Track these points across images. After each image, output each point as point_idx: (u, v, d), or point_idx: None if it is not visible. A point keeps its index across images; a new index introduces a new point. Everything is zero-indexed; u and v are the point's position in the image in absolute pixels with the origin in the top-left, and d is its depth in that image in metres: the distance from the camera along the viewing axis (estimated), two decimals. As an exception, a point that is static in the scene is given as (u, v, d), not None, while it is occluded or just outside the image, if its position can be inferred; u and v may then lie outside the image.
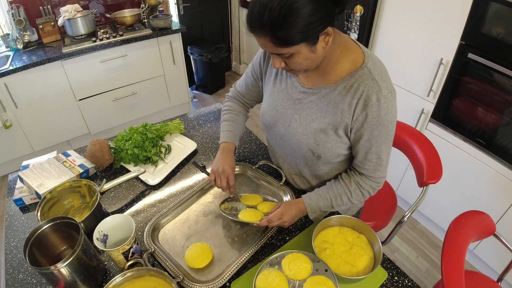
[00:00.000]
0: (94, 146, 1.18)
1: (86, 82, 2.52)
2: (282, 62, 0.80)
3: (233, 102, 1.18)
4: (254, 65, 1.07)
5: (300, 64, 0.79)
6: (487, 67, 1.46)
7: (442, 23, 1.58)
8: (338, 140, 0.90)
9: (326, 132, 0.89)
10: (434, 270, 1.89)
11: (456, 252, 0.92)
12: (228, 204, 1.04)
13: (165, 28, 2.69)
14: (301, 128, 0.93)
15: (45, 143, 2.60)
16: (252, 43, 3.68)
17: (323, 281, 0.76)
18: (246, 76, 1.12)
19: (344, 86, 0.84)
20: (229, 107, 1.16)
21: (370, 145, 0.87)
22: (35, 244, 0.81)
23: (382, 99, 0.80)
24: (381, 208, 1.43)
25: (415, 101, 1.84)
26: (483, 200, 1.68)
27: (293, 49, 0.73)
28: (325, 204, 0.96)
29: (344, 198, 0.95)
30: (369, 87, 0.80)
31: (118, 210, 1.07)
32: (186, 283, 0.82)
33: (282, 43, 0.72)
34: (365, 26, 1.94)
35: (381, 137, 0.85)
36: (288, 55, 0.76)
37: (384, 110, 0.81)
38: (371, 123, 0.83)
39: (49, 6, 2.53)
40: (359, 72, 0.82)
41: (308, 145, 0.93)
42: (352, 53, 0.84)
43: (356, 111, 0.83)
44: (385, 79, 0.83)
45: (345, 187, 0.95)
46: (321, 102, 0.89)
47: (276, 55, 0.78)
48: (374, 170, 0.92)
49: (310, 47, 0.74)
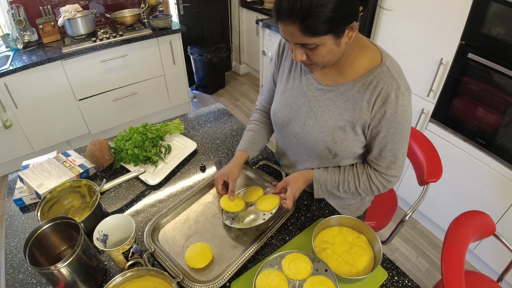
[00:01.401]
0: (94, 146, 1.18)
1: (86, 82, 2.52)
2: (304, 55, 0.79)
3: (259, 113, 1.20)
4: (273, 68, 1.07)
5: (323, 57, 0.78)
6: (487, 67, 1.46)
7: (442, 23, 1.58)
8: (355, 138, 0.91)
9: (344, 129, 0.90)
10: (434, 270, 1.89)
11: (456, 252, 0.92)
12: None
13: (165, 28, 2.70)
14: (318, 125, 0.93)
15: (45, 143, 2.60)
16: (252, 43, 3.68)
17: (323, 281, 0.76)
18: (267, 84, 1.13)
19: (363, 83, 0.85)
20: (254, 118, 1.18)
21: (386, 142, 0.88)
22: (35, 244, 0.80)
23: (400, 96, 0.81)
24: (381, 208, 1.43)
25: (415, 101, 1.84)
26: (483, 200, 1.68)
27: (319, 40, 0.73)
28: (332, 184, 0.98)
29: (351, 186, 0.97)
30: (388, 84, 0.81)
31: (118, 210, 1.07)
32: (186, 283, 0.82)
33: (310, 32, 0.71)
34: (365, 26, 1.94)
35: (397, 135, 0.86)
36: (313, 46, 0.75)
37: (402, 107, 0.82)
38: (388, 120, 0.84)
39: (49, 6, 2.53)
40: (378, 70, 0.83)
41: (325, 143, 0.93)
42: (369, 51, 0.86)
43: (375, 107, 0.84)
44: (402, 77, 0.84)
45: (356, 175, 0.96)
46: (339, 99, 0.89)
47: (300, 46, 0.77)
48: (388, 168, 0.93)
49: (336, 40, 0.74)
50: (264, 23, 2.82)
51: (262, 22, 2.85)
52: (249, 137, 1.12)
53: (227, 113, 1.55)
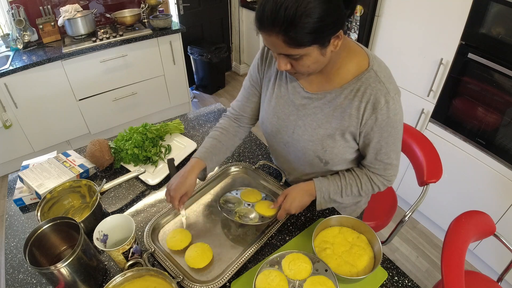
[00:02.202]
0: (94, 146, 1.18)
1: (86, 82, 2.52)
2: (288, 64, 0.76)
3: (227, 120, 1.09)
4: (252, 74, 1.02)
5: (308, 67, 0.76)
6: (487, 67, 1.46)
7: (442, 23, 1.58)
8: (345, 145, 0.90)
9: (333, 137, 0.88)
10: (434, 270, 1.89)
11: (456, 252, 0.92)
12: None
13: (165, 28, 2.69)
14: (307, 134, 0.92)
15: (45, 143, 2.60)
16: (252, 43, 3.68)
17: (323, 281, 0.76)
18: (244, 90, 1.06)
19: (350, 90, 0.83)
20: (220, 125, 1.08)
21: (380, 147, 0.87)
22: (35, 244, 0.80)
23: (391, 101, 0.80)
24: (381, 208, 1.43)
25: (415, 101, 1.84)
26: (483, 200, 1.68)
27: (304, 51, 0.71)
28: (335, 190, 0.95)
29: (354, 189, 0.96)
30: (376, 90, 0.80)
31: (118, 210, 1.07)
32: (186, 283, 0.82)
33: (294, 43, 0.69)
34: (365, 26, 1.94)
35: (390, 137, 0.86)
36: (298, 56, 0.73)
37: (393, 111, 0.81)
38: (380, 125, 0.83)
39: (49, 6, 2.53)
40: (366, 75, 0.81)
41: (315, 152, 0.92)
42: (356, 56, 0.83)
43: (365, 115, 0.82)
44: (391, 80, 0.83)
45: (357, 178, 0.96)
46: (327, 108, 0.87)
47: (284, 56, 0.75)
48: (385, 169, 0.93)
49: (321, 50, 0.72)
50: (264, 23, 2.81)
51: (262, 22, 2.84)
52: (211, 145, 1.02)
53: (227, 113, 1.55)
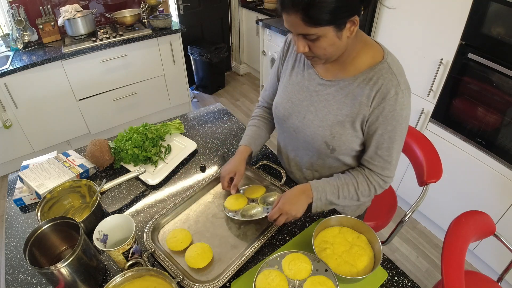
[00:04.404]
0: (94, 146, 1.18)
1: (86, 82, 2.52)
2: (306, 46, 0.81)
3: (261, 109, 1.22)
4: (278, 64, 1.09)
5: (325, 49, 0.80)
6: (487, 67, 1.46)
7: (442, 23, 1.58)
8: (353, 134, 0.91)
9: (343, 124, 0.90)
10: (434, 270, 1.89)
11: (456, 252, 0.92)
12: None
13: (165, 28, 2.70)
14: (317, 120, 0.94)
15: (45, 143, 2.60)
16: (252, 43, 3.68)
17: (323, 281, 0.76)
18: (270, 80, 1.14)
19: (363, 78, 0.86)
20: (256, 114, 1.21)
21: (382, 140, 0.88)
22: (35, 244, 0.80)
23: (400, 93, 0.82)
24: (381, 208, 1.43)
25: (415, 101, 1.84)
26: (483, 200, 1.68)
27: (321, 31, 0.75)
28: (331, 190, 0.95)
29: (351, 189, 0.95)
30: (388, 81, 0.82)
31: (118, 210, 1.07)
32: (186, 283, 0.82)
33: (312, 22, 0.73)
34: (365, 26, 1.94)
35: (394, 133, 0.87)
36: (315, 37, 0.77)
37: (400, 105, 0.83)
38: (386, 116, 0.84)
39: (49, 6, 2.53)
40: (379, 66, 0.84)
41: (323, 137, 0.94)
42: (372, 48, 0.87)
43: (374, 103, 0.85)
44: (403, 75, 0.85)
45: (353, 178, 0.96)
46: (339, 94, 0.90)
47: (302, 37, 0.79)
48: (383, 168, 0.93)
49: (337, 32, 0.76)
50: (264, 23, 2.82)
51: (262, 22, 2.84)
52: (252, 132, 1.15)
53: (227, 113, 1.55)
